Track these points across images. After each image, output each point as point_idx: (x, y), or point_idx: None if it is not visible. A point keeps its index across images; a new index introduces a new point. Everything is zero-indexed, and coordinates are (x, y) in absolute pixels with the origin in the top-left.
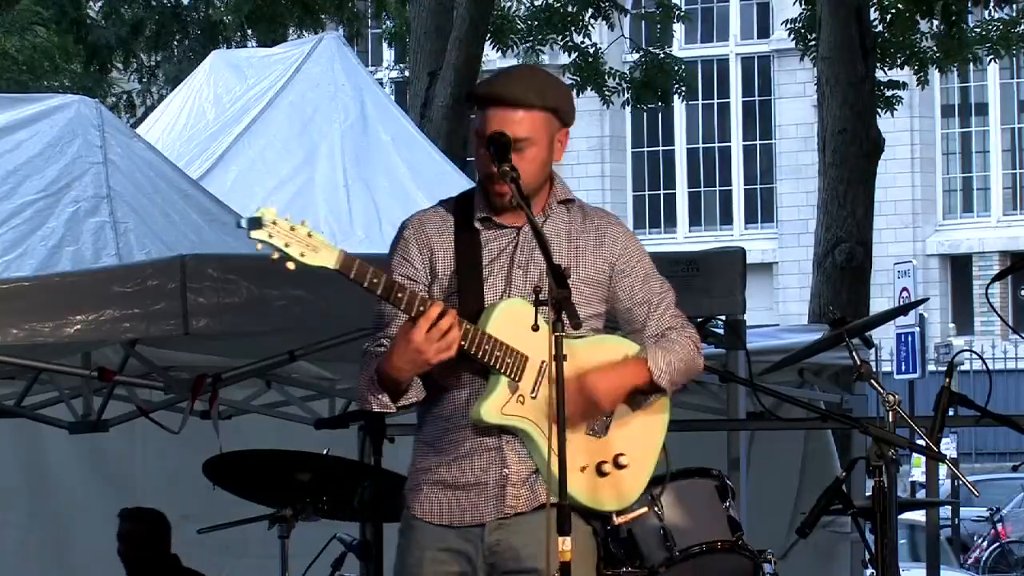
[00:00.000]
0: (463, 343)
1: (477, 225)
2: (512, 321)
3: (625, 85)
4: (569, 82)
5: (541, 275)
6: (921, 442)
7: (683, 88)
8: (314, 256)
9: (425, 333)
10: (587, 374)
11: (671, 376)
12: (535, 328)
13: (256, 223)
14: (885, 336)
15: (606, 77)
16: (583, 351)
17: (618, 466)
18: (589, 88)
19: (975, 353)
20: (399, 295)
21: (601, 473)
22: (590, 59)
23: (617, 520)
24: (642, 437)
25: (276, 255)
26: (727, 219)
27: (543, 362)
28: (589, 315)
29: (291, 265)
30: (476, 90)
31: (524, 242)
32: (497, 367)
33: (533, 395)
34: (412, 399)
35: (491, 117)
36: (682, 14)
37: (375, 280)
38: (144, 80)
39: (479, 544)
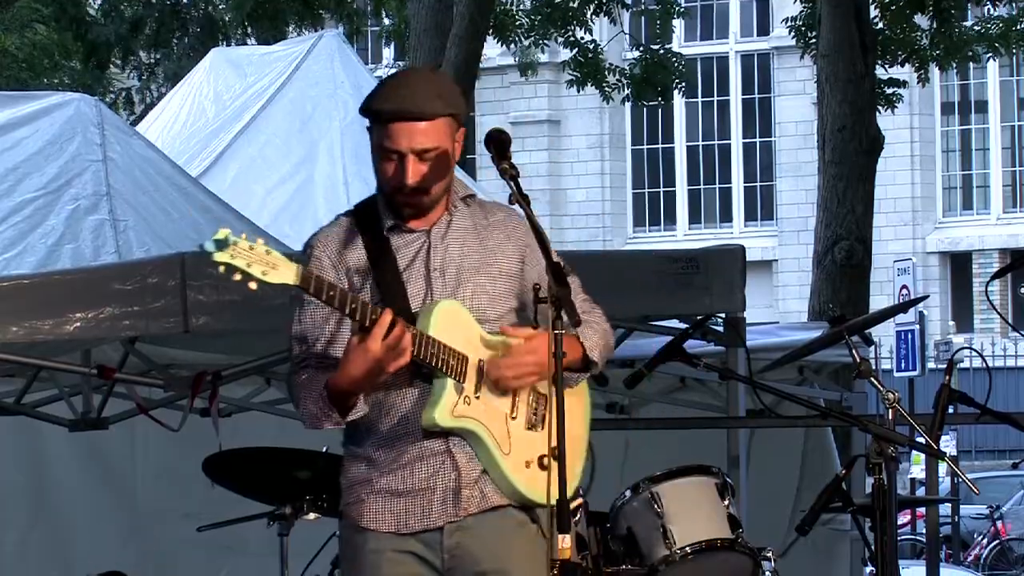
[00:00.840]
0: (412, 349)
1: (388, 234)
2: (450, 323)
3: (625, 81)
4: (569, 78)
5: (458, 277)
6: (921, 440)
7: (683, 85)
8: (275, 274)
9: (381, 341)
10: (529, 341)
11: (599, 351)
12: (535, 326)
13: (223, 244)
14: (885, 334)
15: (606, 73)
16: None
17: (555, 458)
18: (589, 84)
19: (975, 351)
20: (353, 305)
21: (543, 467)
22: (590, 55)
23: None
24: (571, 426)
25: (238, 276)
26: (727, 217)
27: (480, 361)
28: (507, 310)
29: (253, 285)
30: (374, 105)
31: (435, 244)
32: (443, 370)
33: (477, 395)
34: (360, 413)
35: (396, 131)
36: (682, 10)
37: (331, 292)
38: (143, 78)
39: (437, 548)
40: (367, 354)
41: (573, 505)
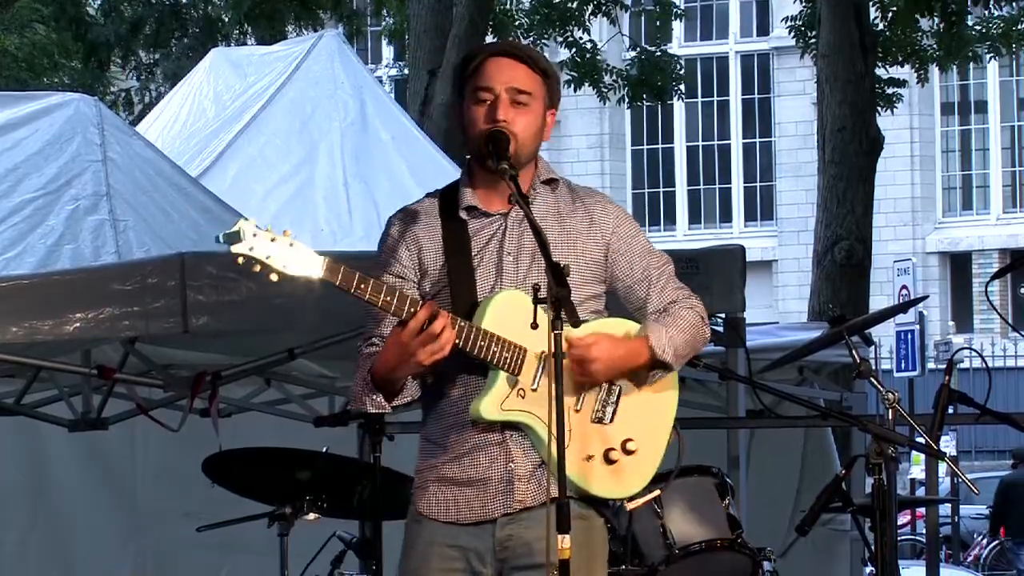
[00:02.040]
0: (458, 341)
1: (463, 215)
2: (508, 313)
3: (622, 82)
4: (566, 78)
5: (532, 261)
6: (921, 440)
7: (680, 88)
8: (298, 267)
9: (415, 337)
10: (583, 341)
11: (674, 350)
12: (534, 326)
13: (234, 237)
14: (885, 334)
15: (603, 74)
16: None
17: (626, 452)
18: (586, 84)
19: (974, 351)
20: (387, 299)
21: (609, 461)
22: (588, 55)
23: (628, 506)
24: (650, 419)
25: (258, 268)
26: (727, 217)
27: (542, 353)
28: (587, 296)
29: (274, 277)
30: (477, 48)
31: (512, 228)
32: (494, 363)
33: (534, 388)
34: (407, 399)
35: (494, 67)
36: (680, 12)
37: (362, 286)
38: (142, 78)
39: (490, 540)
40: (401, 347)
41: (642, 500)
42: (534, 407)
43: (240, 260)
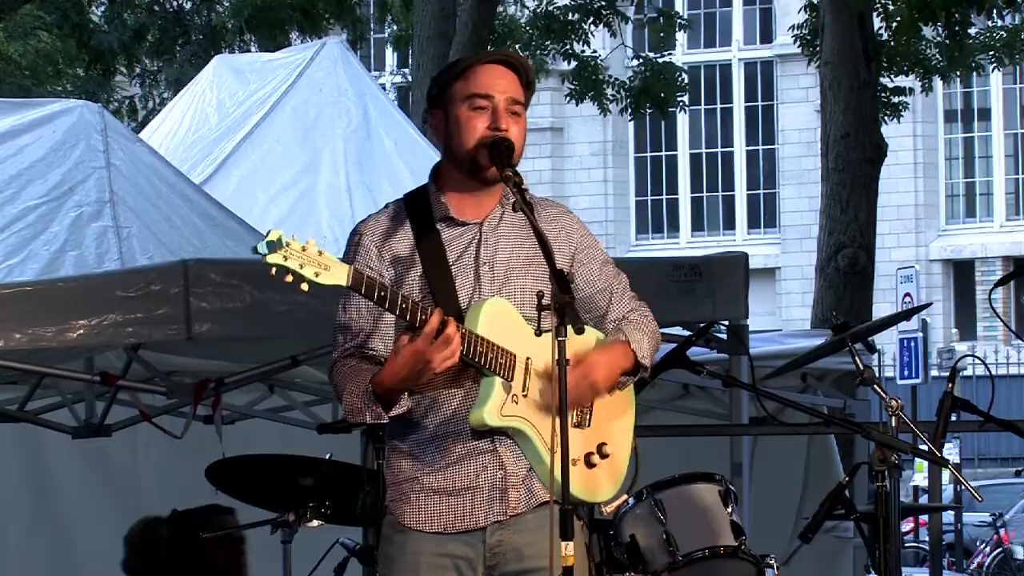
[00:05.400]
0: (462, 348)
1: (439, 225)
2: (497, 320)
3: (625, 93)
4: (568, 91)
5: (507, 270)
6: (924, 447)
7: (683, 100)
8: (327, 275)
9: (431, 342)
10: (583, 361)
11: (649, 354)
12: (538, 333)
13: (274, 246)
14: (888, 341)
15: (604, 86)
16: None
17: (603, 455)
18: (588, 98)
19: (978, 358)
20: (403, 305)
21: (590, 464)
22: (589, 68)
23: (605, 510)
24: (617, 424)
25: (290, 277)
26: (730, 224)
27: (528, 359)
28: None
29: (305, 287)
30: (464, 61)
31: (486, 237)
32: (491, 369)
33: (524, 393)
34: (403, 408)
35: (491, 75)
36: (684, 22)
37: (382, 293)
38: (146, 85)
39: (480, 547)
40: (416, 354)
41: (616, 504)
42: (527, 413)
43: (274, 271)
